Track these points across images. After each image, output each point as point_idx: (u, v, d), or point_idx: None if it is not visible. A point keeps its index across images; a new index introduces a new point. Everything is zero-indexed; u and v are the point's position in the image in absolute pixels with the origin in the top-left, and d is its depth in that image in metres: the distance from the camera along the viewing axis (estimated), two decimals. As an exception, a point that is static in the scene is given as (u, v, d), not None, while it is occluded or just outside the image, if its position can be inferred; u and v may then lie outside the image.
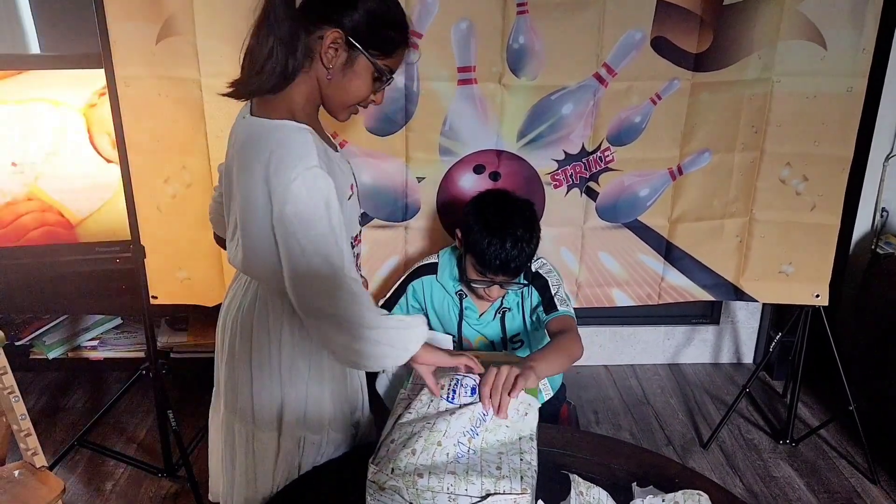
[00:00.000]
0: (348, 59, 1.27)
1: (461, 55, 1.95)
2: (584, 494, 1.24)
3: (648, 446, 2.52)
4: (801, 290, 2.30)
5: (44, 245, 2.33)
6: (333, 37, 1.24)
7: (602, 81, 2.00)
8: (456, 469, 1.21)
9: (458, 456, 1.25)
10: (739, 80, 2.04)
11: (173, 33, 1.86)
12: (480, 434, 1.30)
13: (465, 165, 2.07)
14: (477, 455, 1.27)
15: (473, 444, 1.28)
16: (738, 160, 2.14)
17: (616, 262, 2.22)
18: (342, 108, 1.35)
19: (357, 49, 1.26)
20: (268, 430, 1.42)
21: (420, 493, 1.17)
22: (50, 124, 2.22)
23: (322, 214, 1.21)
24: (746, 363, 3.20)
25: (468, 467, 1.22)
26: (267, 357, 1.39)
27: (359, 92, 1.32)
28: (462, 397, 1.36)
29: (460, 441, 1.27)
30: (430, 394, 1.39)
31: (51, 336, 2.83)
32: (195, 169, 2.01)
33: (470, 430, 1.29)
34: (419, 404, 1.38)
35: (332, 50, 1.25)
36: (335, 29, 1.24)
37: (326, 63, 1.26)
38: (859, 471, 2.49)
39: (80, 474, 2.39)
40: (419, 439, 1.26)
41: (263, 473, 1.46)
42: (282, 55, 1.23)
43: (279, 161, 1.21)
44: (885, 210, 2.86)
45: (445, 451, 1.25)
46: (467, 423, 1.30)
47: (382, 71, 1.30)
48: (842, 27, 2.01)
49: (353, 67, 1.28)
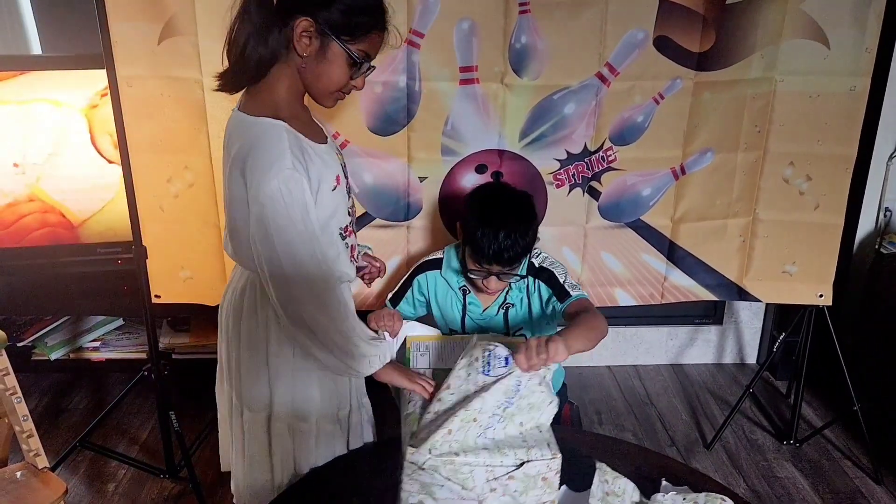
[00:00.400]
0: (321, 47, 1.30)
1: (463, 55, 1.94)
2: (610, 483, 1.25)
3: (652, 447, 2.51)
4: (805, 290, 2.29)
5: (46, 246, 2.33)
6: (304, 25, 1.28)
7: (604, 81, 1.99)
8: (489, 445, 1.28)
9: (491, 426, 1.30)
10: (742, 79, 2.04)
11: (175, 33, 1.86)
12: (515, 402, 1.33)
13: (467, 165, 2.07)
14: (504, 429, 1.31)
15: (506, 413, 1.32)
16: (741, 160, 2.14)
17: (618, 262, 2.21)
18: (324, 95, 1.38)
19: (328, 36, 1.29)
20: (259, 412, 1.47)
21: (458, 469, 1.23)
22: (51, 125, 2.22)
23: (295, 218, 1.26)
24: (750, 363, 3.19)
25: (500, 442, 1.28)
26: (255, 341, 1.45)
27: (336, 78, 1.34)
28: (497, 368, 1.37)
29: (495, 413, 1.31)
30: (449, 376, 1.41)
31: (53, 337, 2.83)
32: (197, 169, 2.00)
33: (505, 402, 1.32)
34: (458, 380, 1.39)
35: (304, 38, 1.29)
36: (305, 17, 1.27)
37: (300, 52, 1.30)
38: (863, 471, 2.48)
39: (82, 475, 2.39)
40: (454, 419, 1.28)
41: (260, 456, 1.49)
42: (254, 46, 1.28)
43: (254, 160, 1.27)
44: (889, 210, 2.85)
45: (480, 424, 1.30)
46: (502, 396, 1.32)
47: (357, 57, 1.32)
48: (845, 26, 2.00)
49: (326, 55, 1.31)
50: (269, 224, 1.26)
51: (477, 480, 1.24)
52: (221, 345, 1.55)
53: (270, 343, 1.43)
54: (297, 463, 1.49)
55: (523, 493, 1.25)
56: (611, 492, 1.24)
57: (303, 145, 1.31)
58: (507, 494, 1.25)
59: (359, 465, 1.47)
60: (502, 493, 1.25)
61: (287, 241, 1.27)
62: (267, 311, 1.41)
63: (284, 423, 1.46)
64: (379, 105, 1.98)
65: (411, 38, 1.91)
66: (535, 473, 1.25)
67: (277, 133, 1.28)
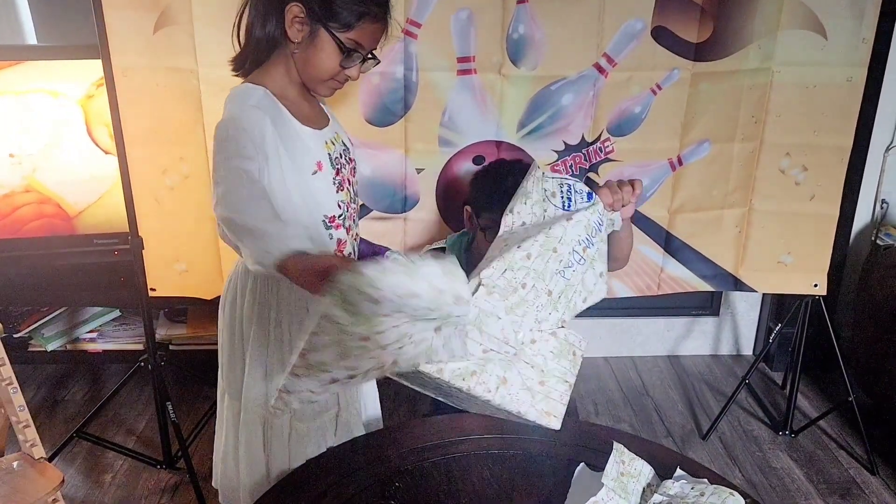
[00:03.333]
0: (311, 34, 1.31)
1: (461, 45, 1.94)
2: (626, 464, 1.25)
3: (648, 438, 2.52)
4: (800, 280, 2.30)
5: (42, 237, 2.33)
6: (294, 11, 1.29)
7: (602, 71, 1.99)
8: (561, 286, 1.23)
9: (571, 265, 1.25)
10: (739, 70, 2.03)
11: (170, 23, 1.85)
12: (596, 245, 1.28)
13: (464, 156, 2.06)
14: (584, 273, 1.27)
15: (587, 254, 1.27)
16: (738, 150, 2.14)
17: (616, 253, 2.21)
18: (316, 83, 1.39)
19: (317, 23, 1.30)
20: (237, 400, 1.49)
21: (519, 304, 1.19)
22: (48, 115, 2.21)
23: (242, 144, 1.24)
24: (746, 355, 3.20)
25: (570, 287, 1.24)
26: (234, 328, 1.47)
27: (325, 66, 1.35)
28: (579, 204, 1.29)
29: (575, 250, 1.26)
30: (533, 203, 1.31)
31: (49, 328, 2.82)
32: (193, 160, 2.00)
33: (586, 239, 1.28)
34: (533, 217, 1.31)
35: (296, 24, 1.30)
36: (296, 3, 1.28)
37: (291, 38, 1.32)
38: (858, 461, 2.49)
39: (79, 466, 2.39)
40: (534, 243, 1.22)
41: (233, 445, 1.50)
42: (257, 29, 1.32)
43: (226, 109, 1.33)
44: (885, 201, 2.85)
45: (560, 259, 1.24)
46: (583, 231, 1.27)
47: (346, 45, 1.32)
48: (842, 17, 2.00)
49: (315, 42, 1.32)
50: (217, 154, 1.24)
51: (525, 324, 1.19)
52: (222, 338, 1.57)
53: (246, 334, 1.45)
54: (268, 459, 1.49)
55: (556, 358, 1.22)
56: (626, 472, 1.24)
57: (279, 111, 1.34)
58: (541, 354, 1.21)
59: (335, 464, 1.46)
60: (538, 350, 1.21)
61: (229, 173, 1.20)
62: (244, 298, 1.43)
63: (256, 416, 1.46)
64: (376, 96, 1.97)
65: (409, 29, 1.90)
66: (574, 341, 1.23)
67: (252, 90, 1.33)
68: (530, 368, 1.22)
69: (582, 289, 1.29)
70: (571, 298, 1.27)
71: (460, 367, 1.18)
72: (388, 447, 1.37)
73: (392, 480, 1.28)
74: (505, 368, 1.20)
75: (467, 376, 1.18)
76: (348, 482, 1.29)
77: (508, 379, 1.21)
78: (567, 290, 1.27)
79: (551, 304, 1.24)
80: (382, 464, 1.31)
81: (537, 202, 1.32)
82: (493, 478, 1.31)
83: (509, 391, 1.20)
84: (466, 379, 1.18)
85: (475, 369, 1.19)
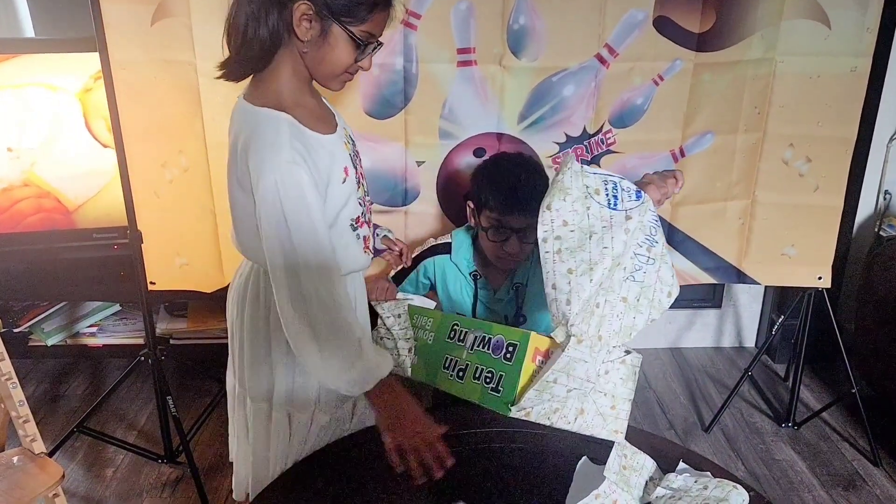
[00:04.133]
0: (322, 31, 1.24)
1: (461, 36, 1.92)
2: (628, 457, 1.24)
3: (651, 430, 2.51)
4: (804, 273, 2.29)
5: (41, 231, 2.32)
6: (302, 9, 1.22)
7: (604, 62, 1.98)
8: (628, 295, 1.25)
9: (639, 267, 1.26)
10: (742, 60, 2.02)
11: (168, 15, 1.84)
12: (660, 242, 1.28)
13: (465, 149, 2.05)
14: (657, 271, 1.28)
15: (654, 253, 1.27)
16: (741, 142, 2.12)
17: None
18: (329, 79, 1.33)
19: (329, 19, 1.23)
20: (261, 402, 1.45)
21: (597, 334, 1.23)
22: (46, 109, 2.20)
23: (291, 212, 1.22)
24: (748, 347, 3.19)
25: (640, 293, 1.26)
26: (256, 329, 1.42)
27: (340, 62, 1.29)
28: (626, 202, 1.25)
29: (637, 253, 1.26)
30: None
31: (49, 323, 2.82)
32: (192, 153, 1.99)
33: (646, 239, 1.27)
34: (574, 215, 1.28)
35: (304, 22, 1.23)
36: (304, 2, 1.21)
37: (300, 36, 1.24)
38: (861, 453, 2.48)
39: (80, 461, 2.39)
40: (604, 271, 1.24)
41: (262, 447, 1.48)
42: (255, 30, 1.23)
43: (254, 153, 1.23)
44: (889, 192, 2.84)
45: (623, 266, 1.25)
46: (641, 235, 1.26)
47: (360, 39, 1.26)
48: (846, 6, 1.98)
49: (328, 39, 1.25)
50: (269, 219, 1.23)
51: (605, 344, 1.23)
52: (229, 333, 1.53)
53: (271, 331, 1.41)
54: (289, 455, 1.47)
55: (624, 383, 1.26)
56: (628, 466, 1.24)
57: (306, 139, 1.27)
58: (612, 382, 1.25)
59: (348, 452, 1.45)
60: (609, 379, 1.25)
61: (285, 237, 1.23)
62: (269, 299, 1.39)
63: (284, 413, 1.45)
64: (376, 88, 1.96)
65: (408, 20, 1.89)
66: (636, 363, 1.27)
67: (277, 125, 1.24)
68: (603, 396, 1.26)
69: (662, 285, 1.29)
70: (653, 297, 1.28)
71: (545, 408, 1.23)
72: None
73: (393, 475, 1.27)
74: (582, 401, 1.24)
75: (551, 415, 1.24)
76: (349, 476, 1.28)
77: (585, 409, 1.25)
78: (645, 290, 1.28)
79: (631, 308, 1.26)
80: (383, 458, 1.31)
81: (578, 199, 1.29)
82: (495, 471, 1.30)
83: (586, 420, 1.25)
84: (550, 417, 1.24)
85: (558, 407, 1.24)
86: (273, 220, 1.23)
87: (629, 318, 1.26)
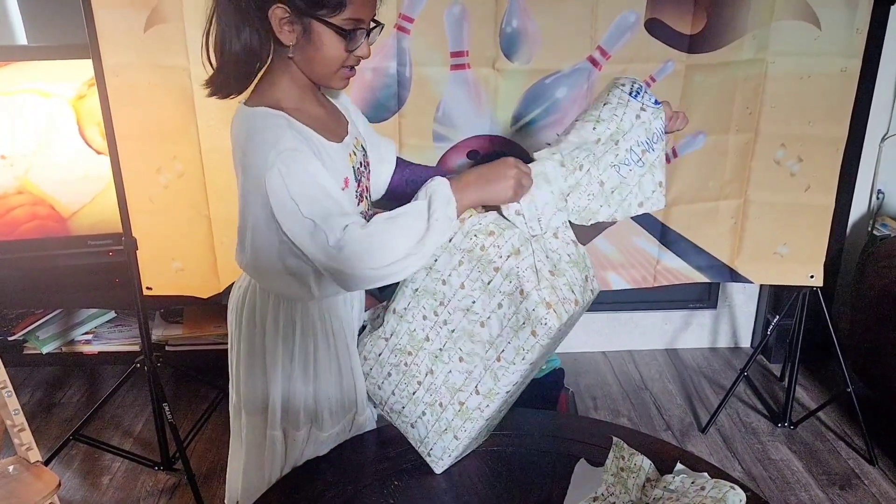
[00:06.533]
0: (304, 30, 1.20)
1: (454, 40, 1.93)
2: (626, 459, 1.24)
3: (647, 431, 2.52)
4: (796, 271, 2.30)
5: (36, 239, 2.32)
6: (278, 14, 1.17)
7: (596, 64, 1.98)
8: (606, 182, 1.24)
9: (627, 162, 1.25)
10: (734, 61, 2.03)
11: (161, 21, 1.84)
12: (656, 151, 1.27)
13: (459, 151, 2.06)
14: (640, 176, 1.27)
15: (647, 158, 1.26)
16: (733, 142, 2.13)
17: (611, 246, 2.21)
18: (328, 78, 1.28)
19: (306, 17, 1.18)
20: (255, 415, 1.43)
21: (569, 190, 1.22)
22: (39, 116, 2.20)
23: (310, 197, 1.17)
24: (744, 347, 3.20)
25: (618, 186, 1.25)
26: (253, 343, 1.40)
27: (331, 58, 1.23)
28: (646, 100, 1.26)
29: (633, 149, 1.25)
30: None
31: (44, 331, 2.81)
32: (186, 158, 1.99)
33: (646, 141, 1.26)
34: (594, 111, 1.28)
35: (285, 27, 1.19)
36: (278, 6, 1.17)
37: (285, 42, 1.19)
38: (857, 452, 2.49)
39: (76, 469, 2.38)
40: (607, 130, 1.24)
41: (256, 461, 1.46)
42: (229, 47, 1.20)
43: (252, 151, 1.20)
44: (881, 192, 2.85)
45: (616, 152, 1.24)
46: (643, 133, 1.25)
47: (345, 29, 1.21)
48: (836, 7, 1.99)
49: (312, 37, 1.20)
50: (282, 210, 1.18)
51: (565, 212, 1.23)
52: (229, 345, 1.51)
53: (267, 347, 1.38)
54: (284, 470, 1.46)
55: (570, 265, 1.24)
56: (626, 467, 1.24)
57: (306, 134, 1.23)
58: (557, 253, 1.23)
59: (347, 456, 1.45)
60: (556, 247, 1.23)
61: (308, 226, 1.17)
62: (264, 315, 1.36)
63: (279, 429, 1.42)
64: (369, 91, 1.96)
65: (401, 24, 1.89)
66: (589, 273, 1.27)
67: (275, 120, 1.21)
68: (544, 255, 1.20)
69: (639, 192, 1.28)
70: (626, 198, 1.28)
71: (482, 223, 1.19)
72: (386, 445, 1.36)
73: (391, 479, 1.27)
74: (521, 241, 1.19)
75: (485, 234, 1.18)
76: (347, 481, 1.28)
77: (521, 252, 1.17)
78: (622, 187, 1.26)
79: (603, 196, 1.25)
80: (381, 462, 1.31)
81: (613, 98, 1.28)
82: (492, 474, 1.30)
83: (518, 264, 1.16)
84: (482, 236, 1.18)
85: (493, 229, 1.18)
86: (287, 209, 1.18)
87: (596, 203, 1.25)
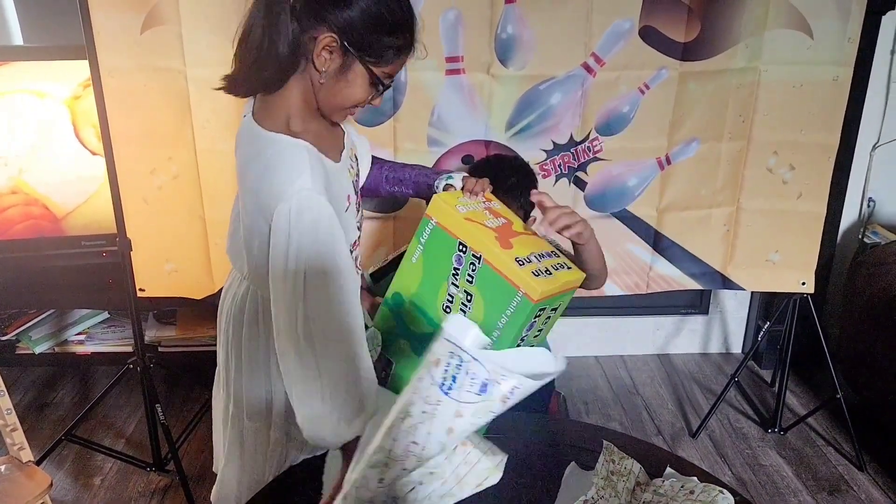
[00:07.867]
0: (343, 65, 1.18)
1: (449, 45, 1.94)
2: (616, 463, 1.25)
3: (638, 436, 2.52)
4: (788, 278, 2.31)
5: (29, 239, 2.32)
6: (326, 41, 1.15)
7: (590, 71, 2.00)
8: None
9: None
10: (727, 69, 2.04)
11: (158, 23, 1.85)
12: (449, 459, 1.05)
13: (453, 156, 2.06)
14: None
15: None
16: (726, 149, 2.15)
17: (604, 252, 2.21)
18: (336, 111, 1.27)
19: (352, 55, 1.17)
20: (258, 422, 1.42)
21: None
22: (34, 116, 2.20)
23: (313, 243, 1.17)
24: (735, 353, 3.21)
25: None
26: (255, 350, 1.39)
27: (354, 97, 1.23)
28: (464, 391, 0.90)
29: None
30: None
31: (37, 331, 2.80)
32: (181, 160, 1.99)
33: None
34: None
35: (325, 53, 1.17)
36: (329, 34, 1.15)
37: (319, 67, 1.18)
38: (846, 458, 2.50)
39: (68, 469, 2.38)
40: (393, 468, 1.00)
41: (258, 466, 1.45)
42: (273, 52, 1.16)
43: (271, 179, 1.18)
44: (872, 200, 2.87)
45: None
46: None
47: (380, 79, 1.22)
48: (828, 16, 2.01)
49: (347, 75, 1.20)
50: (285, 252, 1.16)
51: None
52: (220, 350, 1.49)
53: (271, 353, 1.35)
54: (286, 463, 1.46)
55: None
56: (616, 471, 1.25)
57: (325, 167, 1.23)
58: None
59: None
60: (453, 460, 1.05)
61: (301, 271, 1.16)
62: (268, 322, 1.32)
63: (283, 433, 1.42)
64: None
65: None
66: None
67: (297, 151, 1.18)
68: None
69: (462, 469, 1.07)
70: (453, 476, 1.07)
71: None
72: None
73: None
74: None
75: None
76: (338, 483, 1.28)
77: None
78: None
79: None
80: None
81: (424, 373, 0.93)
82: (483, 477, 1.31)
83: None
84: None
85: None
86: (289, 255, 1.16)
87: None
